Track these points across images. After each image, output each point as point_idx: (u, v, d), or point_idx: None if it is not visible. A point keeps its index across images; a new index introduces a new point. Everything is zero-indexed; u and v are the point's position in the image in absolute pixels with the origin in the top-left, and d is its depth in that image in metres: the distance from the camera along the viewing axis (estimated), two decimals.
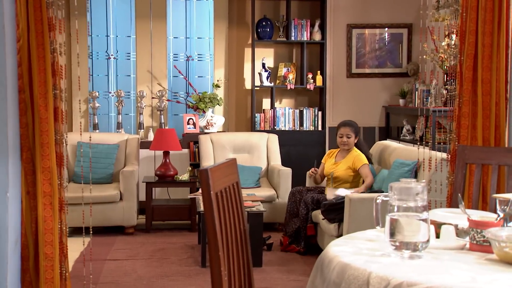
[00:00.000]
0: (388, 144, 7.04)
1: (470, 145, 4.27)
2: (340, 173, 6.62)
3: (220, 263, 2.27)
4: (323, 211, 5.97)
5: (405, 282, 2.11)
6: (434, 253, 2.45)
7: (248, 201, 6.36)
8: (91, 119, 8.64)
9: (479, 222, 2.49)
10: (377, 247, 2.52)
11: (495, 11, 4.28)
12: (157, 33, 8.76)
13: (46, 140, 3.84)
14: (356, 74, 8.95)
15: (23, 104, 3.90)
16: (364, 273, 2.23)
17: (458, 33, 4.42)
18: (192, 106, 8.58)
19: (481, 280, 2.11)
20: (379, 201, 2.51)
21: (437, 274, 2.18)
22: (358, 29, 8.90)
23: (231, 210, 2.52)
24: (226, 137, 8.16)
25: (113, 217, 7.29)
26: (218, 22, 8.87)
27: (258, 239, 6.03)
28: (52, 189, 3.88)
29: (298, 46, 8.91)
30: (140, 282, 5.54)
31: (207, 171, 2.27)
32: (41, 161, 3.86)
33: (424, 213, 2.37)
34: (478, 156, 3.30)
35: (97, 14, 8.80)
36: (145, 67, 8.77)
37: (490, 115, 4.30)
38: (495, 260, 2.35)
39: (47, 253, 3.90)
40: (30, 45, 3.86)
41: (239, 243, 2.62)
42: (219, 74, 8.86)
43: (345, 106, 8.94)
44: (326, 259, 2.48)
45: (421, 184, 2.39)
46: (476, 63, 4.34)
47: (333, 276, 2.36)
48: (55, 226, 3.92)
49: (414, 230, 2.34)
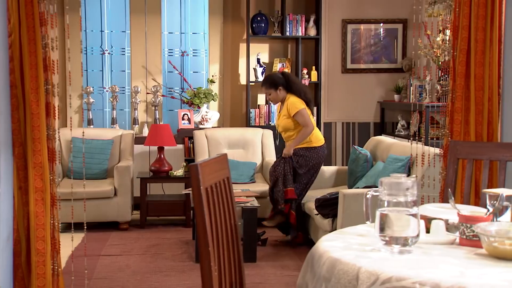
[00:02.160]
0: (382, 140, 7.04)
1: (463, 140, 4.27)
2: (280, 123, 6.66)
3: (210, 258, 2.27)
4: (317, 207, 5.97)
5: (394, 277, 2.11)
6: (424, 248, 2.45)
7: (242, 197, 6.37)
8: (85, 115, 8.62)
9: (468, 217, 2.49)
10: (367, 242, 2.52)
11: (488, 6, 4.28)
12: (151, 28, 8.75)
13: (38, 135, 3.82)
14: (351, 70, 8.94)
15: (15, 99, 3.89)
16: (354, 268, 2.23)
17: (451, 28, 4.42)
18: (187, 101, 8.57)
19: (470, 274, 2.12)
20: (369, 196, 2.51)
21: (426, 268, 2.18)
22: (353, 25, 8.89)
23: (221, 205, 2.52)
24: (221, 133, 8.15)
25: (107, 212, 7.28)
26: (213, 17, 8.86)
27: (252, 234, 6.03)
28: (44, 185, 3.87)
29: (293, 41, 8.90)
30: (133, 277, 5.54)
31: (197, 166, 2.27)
32: (32, 156, 3.85)
33: (414, 208, 2.38)
34: (470, 151, 3.30)
35: (92, 9, 8.77)
36: (139, 63, 8.76)
37: (483, 110, 4.30)
38: (484, 255, 2.35)
39: (39, 249, 3.90)
40: (22, 40, 3.85)
41: (230, 238, 2.61)
42: (214, 69, 8.85)
43: (340, 102, 8.94)
44: (317, 254, 2.48)
45: (411, 179, 2.39)
46: (469, 58, 4.34)
47: (323, 271, 2.37)
48: (47, 222, 3.92)
49: (403, 225, 2.34)
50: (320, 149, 6.62)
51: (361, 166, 6.83)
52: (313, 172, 6.65)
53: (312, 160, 6.56)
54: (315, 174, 6.70)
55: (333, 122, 8.93)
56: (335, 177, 7.26)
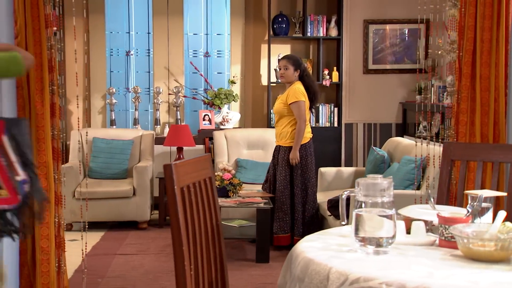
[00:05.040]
0: (400, 141, 7.02)
1: (468, 142, 4.24)
2: (276, 106, 6.57)
3: (183, 258, 2.30)
4: (329, 208, 5.96)
5: (362, 277, 2.12)
6: (401, 248, 2.44)
7: (257, 197, 6.39)
8: (108, 115, 8.73)
9: (447, 218, 2.48)
10: (346, 243, 2.52)
11: (494, 5, 4.23)
12: (173, 30, 8.82)
13: (42, 135, 3.90)
14: (372, 70, 8.90)
15: (21, 100, 3.96)
16: (325, 269, 2.24)
17: (457, 29, 4.39)
18: (208, 102, 8.62)
19: (438, 275, 2.11)
20: (344, 196, 2.52)
21: (396, 269, 2.18)
22: (375, 25, 8.86)
23: (200, 205, 2.54)
24: (240, 133, 8.18)
25: (126, 212, 7.36)
26: (235, 18, 8.91)
27: (265, 235, 6.04)
28: (48, 184, 3.94)
29: (315, 42, 8.89)
30: (146, 276, 5.60)
31: (171, 166, 2.30)
32: (37, 156, 3.92)
33: (391, 209, 2.38)
34: (463, 152, 3.28)
35: (116, 11, 8.87)
36: (162, 64, 8.84)
37: (488, 111, 4.25)
38: (459, 256, 2.34)
39: (43, 247, 3.97)
40: (27, 41, 3.92)
41: (211, 238, 2.64)
42: (236, 70, 8.89)
43: (361, 102, 8.91)
44: (294, 254, 2.49)
45: (387, 180, 2.39)
46: (474, 58, 4.30)
47: (298, 271, 2.38)
48: (51, 220, 3.99)
49: (375, 226, 2.34)
50: (307, 145, 6.48)
51: (378, 167, 6.81)
52: (308, 172, 6.48)
53: (302, 159, 6.44)
54: (311, 173, 6.52)
55: (354, 123, 8.89)
56: (353, 178, 7.24)
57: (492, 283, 2.03)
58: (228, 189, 6.37)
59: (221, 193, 6.36)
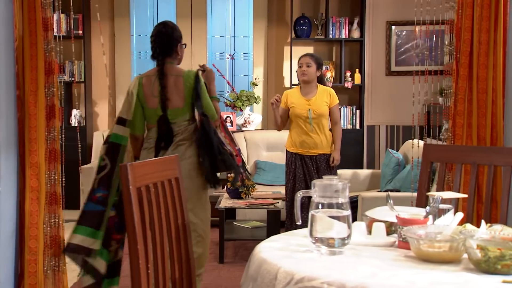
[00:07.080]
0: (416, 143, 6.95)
1: (465, 144, 4.21)
2: (321, 109, 6.05)
3: (138, 256, 2.34)
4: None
5: (306, 277, 2.14)
6: (358, 249, 2.45)
7: (269, 199, 6.42)
8: None
9: (405, 219, 2.48)
10: (306, 244, 2.53)
11: (491, 7, 4.19)
12: (197, 32, 8.90)
13: (35, 135, 3.98)
14: (395, 72, 8.85)
15: (19, 101, 4.07)
16: (275, 268, 2.26)
17: (454, 30, 4.36)
18: (230, 104, 8.68)
19: (381, 275, 2.12)
20: (299, 197, 2.53)
21: (341, 269, 2.19)
22: (397, 26, 8.81)
23: (163, 204, 2.59)
24: (260, 135, 8.22)
25: None
26: (258, 21, 8.96)
27: None
28: (39, 184, 4.01)
29: (337, 44, 8.89)
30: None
31: (126, 166, 2.34)
32: (29, 156, 4.00)
33: (347, 210, 2.39)
34: (442, 155, 3.26)
35: (141, 14, 8.99)
36: (186, 66, 8.87)
37: (486, 114, 4.20)
38: (412, 257, 2.34)
39: (31, 247, 4.02)
40: (24, 43, 4.02)
41: (175, 238, 2.68)
42: (258, 72, 8.93)
43: (384, 104, 8.86)
44: (253, 254, 2.52)
45: (342, 182, 2.41)
46: (471, 60, 4.27)
47: (252, 271, 2.41)
48: (40, 221, 4.04)
49: (326, 227, 2.35)
50: None
51: (393, 169, 6.79)
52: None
53: None
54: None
55: (376, 125, 8.85)
56: (369, 180, 7.23)
57: (429, 283, 2.03)
58: (241, 190, 6.41)
59: (234, 195, 6.41)
